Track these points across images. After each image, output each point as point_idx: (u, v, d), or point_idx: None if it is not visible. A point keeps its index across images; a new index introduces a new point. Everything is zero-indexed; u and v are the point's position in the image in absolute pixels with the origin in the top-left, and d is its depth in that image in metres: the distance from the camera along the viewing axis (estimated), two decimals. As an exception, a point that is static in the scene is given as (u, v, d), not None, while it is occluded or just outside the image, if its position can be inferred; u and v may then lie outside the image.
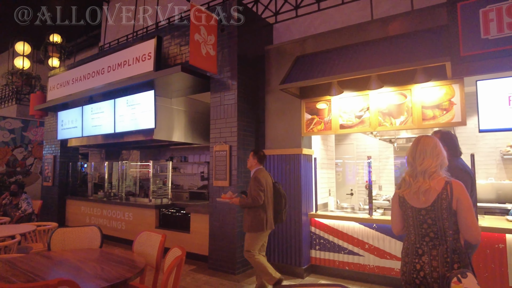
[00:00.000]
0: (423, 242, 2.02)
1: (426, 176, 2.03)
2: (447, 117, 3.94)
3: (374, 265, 4.41)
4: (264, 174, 3.90)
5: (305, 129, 4.89)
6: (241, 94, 5.10)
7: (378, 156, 7.50)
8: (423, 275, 1.96)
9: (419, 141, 2.13)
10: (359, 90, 4.52)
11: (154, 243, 3.08)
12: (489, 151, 6.29)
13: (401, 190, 2.11)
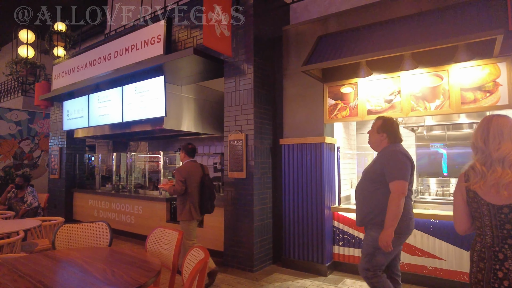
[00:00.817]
0: (505, 245, 1.66)
1: (505, 164, 1.66)
2: (491, 100, 3.53)
3: (404, 262, 4.06)
4: (189, 166, 4.17)
5: (328, 115, 4.51)
6: (258, 79, 4.73)
7: (399, 146, 7.08)
8: (508, 284, 1.61)
9: (490, 121, 1.75)
10: (389, 72, 4.12)
11: (169, 241, 2.77)
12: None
13: (470, 183, 1.74)
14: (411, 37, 3.57)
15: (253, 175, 4.59)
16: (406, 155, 2.59)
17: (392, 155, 2.57)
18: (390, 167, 2.52)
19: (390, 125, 2.72)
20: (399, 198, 2.44)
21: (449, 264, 3.80)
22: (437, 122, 5.75)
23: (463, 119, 5.49)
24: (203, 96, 6.72)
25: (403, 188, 2.46)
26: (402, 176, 2.48)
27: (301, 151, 4.64)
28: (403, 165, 2.51)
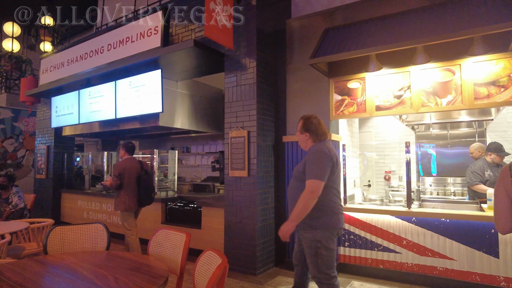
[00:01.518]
0: None
1: None
2: (506, 95, 3.43)
3: (413, 263, 3.93)
4: (126, 162, 4.49)
5: (334, 111, 4.35)
6: (260, 73, 4.53)
7: (399, 145, 7.01)
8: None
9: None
10: (398, 67, 3.99)
11: (175, 243, 2.54)
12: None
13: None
14: (423, 30, 3.45)
15: (256, 173, 4.39)
16: (327, 154, 2.52)
17: (313, 154, 2.54)
18: (309, 166, 2.50)
19: (310, 124, 2.71)
20: (310, 196, 2.41)
21: (461, 264, 3.68)
22: (438, 120, 5.68)
23: (464, 117, 5.43)
24: (199, 93, 6.49)
25: (317, 188, 2.42)
26: (318, 175, 2.44)
27: (305, 149, 4.46)
28: (322, 164, 2.47)
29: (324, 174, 2.47)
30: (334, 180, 2.59)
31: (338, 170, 2.62)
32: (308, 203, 2.42)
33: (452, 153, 6.32)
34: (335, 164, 2.56)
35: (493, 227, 3.55)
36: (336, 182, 2.62)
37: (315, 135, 2.68)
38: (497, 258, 3.52)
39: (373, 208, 4.22)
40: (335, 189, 2.62)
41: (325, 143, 2.66)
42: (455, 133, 6.29)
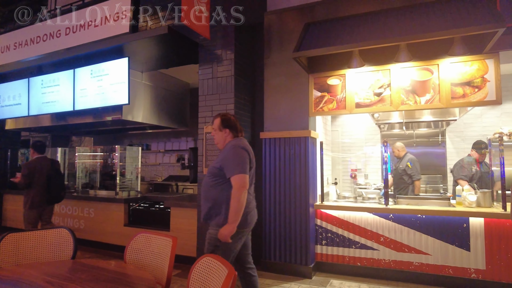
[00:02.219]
0: None
1: None
2: (479, 96, 3.57)
3: (390, 259, 3.97)
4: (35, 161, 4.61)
5: (314, 108, 4.27)
6: (238, 66, 4.32)
7: (365, 143, 7.19)
8: None
9: None
10: (379, 64, 4.00)
11: (158, 250, 2.26)
12: (476, 139, 6.22)
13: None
14: (406, 28, 3.47)
15: (233, 171, 4.16)
16: (245, 149, 2.57)
17: (231, 149, 2.54)
18: (229, 161, 2.49)
19: (229, 120, 2.72)
20: (240, 192, 2.41)
21: (435, 258, 3.78)
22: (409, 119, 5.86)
23: (427, 117, 5.67)
24: (164, 85, 6.11)
25: (244, 182, 2.44)
26: (242, 169, 2.45)
27: (283, 146, 4.34)
28: (242, 159, 2.50)
29: (246, 167, 2.49)
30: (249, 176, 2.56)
31: (252, 167, 2.63)
32: (241, 199, 2.41)
33: (416, 152, 6.60)
34: (251, 161, 2.59)
35: (466, 222, 3.69)
36: (250, 179, 2.59)
37: (234, 131, 2.70)
38: (468, 251, 3.66)
39: (351, 205, 4.21)
40: (249, 186, 2.58)
41: (241, 139, 2.68)
42: (419, 133, 6.57)
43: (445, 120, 5.44)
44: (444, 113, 5.24)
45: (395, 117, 5.69)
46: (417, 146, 6.52)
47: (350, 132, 7.29)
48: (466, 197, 3.89)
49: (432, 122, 6.26)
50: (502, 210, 3.58)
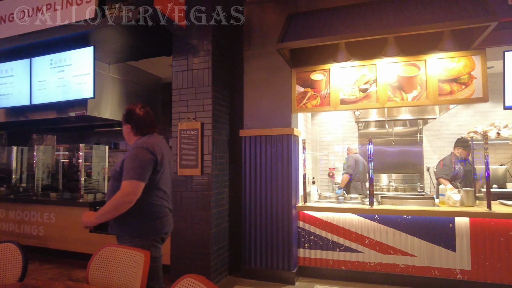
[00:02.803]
0: None
1: None
2: (466, 93, 3.48)
3: (375, 262, 3.83)
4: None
5: (297, 104, 4.04)
6: (216, 58, 4.00)
7: (342, 142, 7.10)
8: None
9: None
10: (364, 59, 3.83)
11: (127, 266, 1.91)
12: (452, 137, 6.28)
13: None
14: (395, 21, 3.31)
15: (211, 171, 3.86)
16: (150, 150, 2.17)
17: (132, 151, 2.18)
18: (127, 164, 2.13)
19: (132, 114, 2.33)
20: (122, 200, 2.05)
21: (421, 260, 3.68)
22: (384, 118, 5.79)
23: (405, 115, 5.63)
24: (134, 79, 5.67)
25: (133, 191, 2.07)
26: (136, 175, 2.09)
27: (265, 144, 4.08)
28: (141, 162, 2.12)
29: (143, 173, 2.11)
30: (159, 180, 2.24)
31: (164, 168, 2.27)
32: (120, 206, 2.07)
33: (394, 151, 6.58)
34: (160, 162, 2.21)
35: (451, 222, 3.60)
36: (162, 182, 2.26)
37: (136, 128, 2.31)
38: (454, 252, 3.58)
39: (335, 206, 4.03)
40: (161, 190, 2.26)
41: (151, 137, 2.29)
42: (397, 131, 6.55)
43: (425, 118, 5.40)
44: (423, 111, 5.20)
45: (373, 115, 5.61)
46: (396, 144, 6.50)
47: (328, 130, 7.18)
48: (450, 196, 3.82)
49: (410, 121, 6.25)
50: (487, 209, 3.52)
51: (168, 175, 2.37)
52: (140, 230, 2.18)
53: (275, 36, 3.99)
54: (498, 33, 3.30)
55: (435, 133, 6.46)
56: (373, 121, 5.82)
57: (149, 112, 2.39)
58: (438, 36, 3.46)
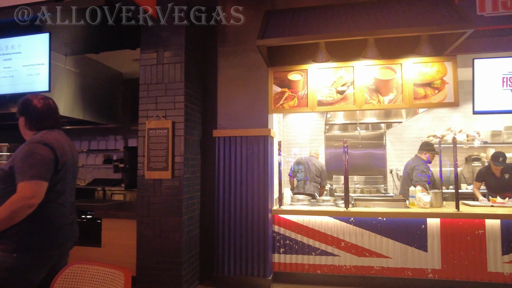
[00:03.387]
0: None
1: None
2: (439, 97, 3.59)
3: (351, 265, 3.81)
4: None
5: (274, 104, 3.91)
6: (189, 52, 3.74)
7: (309, 144, 7.12)
8: None
9: None
10: (342, 61, 3.81)
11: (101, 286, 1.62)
12: (414, 141, 6.58)
13: None
14: (375, 23, 3.31)
15: (183, 174, 3.58)
16: (49, 145, 1.86)
17: (25, 147, 1.83)
18: (20, 163, 1.79)
19: (28, 105, 2.00)
20: (21, 204, 1.72)
21: (395, 261, 3.72)
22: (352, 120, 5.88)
23: (373, 119, 5.77)
24: (93, 73, 5.18)
25: (37, 192, 1.76)
26: (37, 174, 1.77)
27: (240, 145, 3.89)
28: (40, 159, 1.80)
29: (44, 171, 1.80)
30: (58, 181, 1.91)
31: (66, 169, 1.96)
32: (18, 212, 1.72)
33: (359, 153, 6.72)
34: (60, 161, 1.90)
35: (424, 223, 3.69)
36: (61, 185, 1.94)
37: (30, 121, 1.98)
38: (426, 252, 3.67)
39: (311, 209, 3.95)
40: (60, 194, 1.94)
41: (50, 132, 1.97)
42: (362, 135, 6.70)
43: (392, 122, 5.57)
44: (391, 115, 5.35)
45: (340, 118, 5.66)
46: (362, 147, 6.65)
47: (296, 132, 7.16)
48: (421, 198, 3.92)
49: (375, 124, 6.44)
50: (455, 210, 3.66)
51: (71, 179, 2.03)
52: (23, 244, 1.78)
53: (250, 32, 3.84)
54: (468, 42, 3.44)
55: (398, 137, 6.71)
56: (343, 124, 5.89)
57: (51, 105, 2.04)
58: (414, 41, 3.54)
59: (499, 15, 3.46)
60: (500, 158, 4.44)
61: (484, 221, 3.60)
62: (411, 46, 3.58)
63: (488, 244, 3.57)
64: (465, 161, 6.26)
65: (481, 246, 3.59)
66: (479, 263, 3.58)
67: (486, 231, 3.59)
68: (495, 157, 4.51)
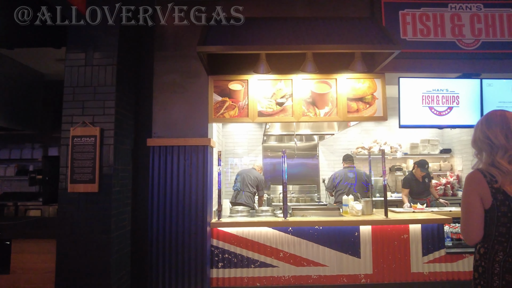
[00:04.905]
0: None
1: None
2: (370, 111, 3.85)
3: (289, 275, 3.82)
4: None
5: (214, 114, 3.80)
6: (123, 54, 3.47)
7: (248, 154, 7.14)
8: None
9: (505, 116, 1.63)
10: (281, 73, 3.88)
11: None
12: (344, 152, 6.98)
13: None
14: (313, 38, 3.43)
15: (111, 188, 3.25)
16: None
17: None
18: None
19: None
20: None
21: (331, 269, 3.83)
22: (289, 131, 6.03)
23: (305, 130, 6.00)
24: (7, 72, 4.54)
25: None
26: None
27: (177, 155, 3.69)
28: None
29: None
30: None
31: None
32: None
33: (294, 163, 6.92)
34: None
35: (357, 230, 3.87)
36: None
37: None
38: (359, 258, 3.85)
39: (250, 220, 3.90)
40: None
41: None
42: (296, 145, 6.91)
43: (325, 134, 5.83)
44: (325, 127, 5.60)
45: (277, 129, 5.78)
46: (297, 157, 6.85)
47: (234, 143, 7.12)
48: (353, 206, 4.13)
49: (309, 136, 6.69)
50: (384, 217, 3.91)
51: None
52: None
53: (191, 38, 3.72)
54: (395, 61, 3.75)
55: (329, 148, 7.07)
56: (280, 134, 6.00)
57: None
58: (348, 58, 3.75)
59: (418, 40, 3.85)
60: (426, 165, 5.03)
61: (408, 226, 3.91)
62: (345, 62, 3.79)
63: (412, 247, 3.88)
64: (389, 171, 6.82)
65: (405, 250, 3.87)
66: (404, 265, 3.86)
67: (410, 235, 3.89)
68: (421, 164, 5.07)
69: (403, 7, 3.85)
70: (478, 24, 3.90)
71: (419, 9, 3.86)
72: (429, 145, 6.75)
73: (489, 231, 1.59)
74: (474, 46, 3.87)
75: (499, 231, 1.56)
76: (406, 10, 3.85)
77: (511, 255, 1.54)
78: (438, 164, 6.80)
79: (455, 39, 3.86)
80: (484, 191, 1.56)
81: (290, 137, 6.45)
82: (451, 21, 3.87)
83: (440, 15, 3.87)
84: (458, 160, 6.67)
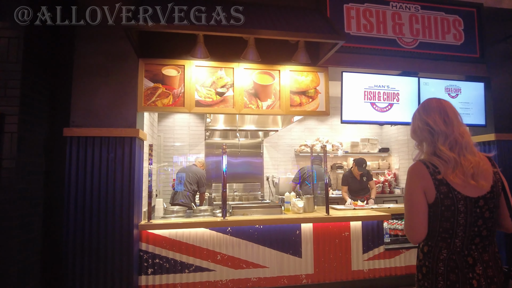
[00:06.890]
0: (472, 246, 1.41)
1: (468, 149, 1.44)
2: (313, 106, 3.72)
3: (227, 279, 3.55)
4: None
5: (144, 101, 3.38)
6: (35, 26, 2.91)
7: (189, 151, 6.73)
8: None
9: (441, 103, 1.51)
10: (222, 61, 3.58)
11: None
12: (287, 149, 6.94)
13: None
14: (256, 24, 3.20)
15: (13, 185, 2.69)
16: None
17: None
18: None
19: None
20: None
21: (272, 271, 3.63)
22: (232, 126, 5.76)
23: (249, 126, 5.79)
24: None
25: None
26: None
27: (99, 148, 3.21)
28: None
29: None
30: None
31: None
32: None
33: (237, 162, 6.66)
34: None
35: (298, 228, 3.72)
36: None
37: None
38: (300, 258, 3.70)
39: (184, 221, 3.54)
40: None
41: None
42: (241, 143, 6.67)
43: (269, 130, 5.66)
44: (268, 122, 5.42)
45: (220, 123, 5.49)
46: (241, 155, 6.60)
47: (174, 138, 6.65)
48: (295, 204, 3.98)
49: (253, 132, 6.49)
50: (325, 214, 3.81)
51: None
52: None
53: (118, 16, 3.26)
54: (338, 55, 3.68)
55: (273, 145, 6.94)
56: (223, 130, 5.70)
57: None
58: (291, 50, 3.58)
59: (362, 35, 3.81)
60: (364, 164, 5.02)
61: (349, 224, 3.86)
62: (289, 54, 3.62)
63: (352, 245, 3.83)
64: (331, 169, 6.88)
65: (346, 247, 3.81)
66: (344, 263, 3.79)
67: (351, 232, 3.84)
68: (359, 163, 5.06)
69: (348, 1, 3.79)
70: (416, 24, 3.98)
71: (363, 4, 3.83)
72: (368, 144, 6.93)
73: (433, 227, 1.45)
74: (413, 45, 3.94)
75: (443, 226, 1.43)
76: (351, 4, 3.80)
77: (455, 252, 1.42)
78: (377, 163, 7.02)
79: (396, 37, 3.90)
80: (427, 183, 1.42)
81: (235, 133, 6.20)
82: (392, 19, 3.90)
83: (383, 12, 3.88)
84: (395, 158, 6.94)
